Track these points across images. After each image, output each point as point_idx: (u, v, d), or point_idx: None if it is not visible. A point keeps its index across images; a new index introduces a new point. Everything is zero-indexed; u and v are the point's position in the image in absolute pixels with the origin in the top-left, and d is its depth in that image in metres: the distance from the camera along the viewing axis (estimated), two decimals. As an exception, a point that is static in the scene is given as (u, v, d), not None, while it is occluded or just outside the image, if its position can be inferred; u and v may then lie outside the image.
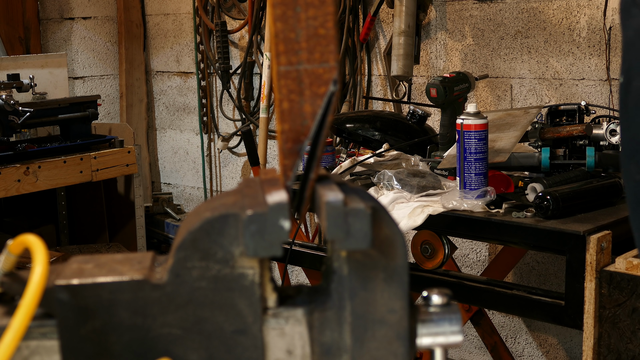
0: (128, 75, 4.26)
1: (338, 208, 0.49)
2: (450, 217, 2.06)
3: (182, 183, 4.36)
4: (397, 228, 0.53)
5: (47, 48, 4.01)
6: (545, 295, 1.97)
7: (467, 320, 2.85)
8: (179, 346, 0.54)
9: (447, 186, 2.21)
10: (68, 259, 0.56)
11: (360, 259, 0.53)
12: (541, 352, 3.19)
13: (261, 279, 0.53)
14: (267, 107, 3.54)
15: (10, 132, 2.99)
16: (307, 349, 0.54)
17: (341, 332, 0.54)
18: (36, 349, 0.54)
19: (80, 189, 3.63)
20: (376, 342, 0.54)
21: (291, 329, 0.54)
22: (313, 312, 0.54)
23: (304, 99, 0.53)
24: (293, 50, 0.52)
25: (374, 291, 0.54)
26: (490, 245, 3.19)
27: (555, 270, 3.04)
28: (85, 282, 0.53)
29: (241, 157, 4.04)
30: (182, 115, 4.28)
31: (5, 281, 0.56)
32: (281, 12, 0.52)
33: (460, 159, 2.07)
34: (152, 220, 4.15)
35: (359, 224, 0.49)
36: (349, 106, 3.42)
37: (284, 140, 0.54)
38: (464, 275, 2.29)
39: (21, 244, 0.54)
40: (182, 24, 4.16)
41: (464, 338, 3.34)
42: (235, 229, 0.52)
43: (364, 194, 0.54)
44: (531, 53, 2.95)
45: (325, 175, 0.57)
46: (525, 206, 2.05)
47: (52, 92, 3.51)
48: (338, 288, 0.54)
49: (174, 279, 0.53)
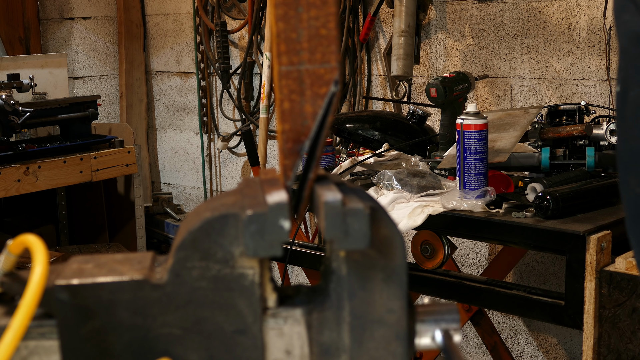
0: (128, 75, 4.26)
1: (336, 208, 0.49)
2: (450, 217, 2.06)
3: (182, 183, 4.36)
4: (396, 228, 0.53)
5: (47, 48, 4.01)
6: (545, 295, 1.97)
7: (467, 320, 2.85)
8: (179, 346, 0.54)
9: (447, 186, 2.21)
10: (68, 259, 0.56)
11: (359, 259, 0.53)
12: (541, 352, 3.19)
13: (261, 279, 0.53)
14: (267, 107, 3.54)
15: (10, 132, 2.99)
16: (305, 349, 0.54)
17: (340, 332, 0.54)
18: (36, 349, 0.54)
19: (80, 189, 3.63)
20: (375, 342, 0.54)
21: (290, 329, 0.54)
22: (312, 312, 0.54)
23: (304, 99, 0.53)
24: (294, 51, 0.52)
25: (372, 291, 0.54)
26: (490, 245, 3.19)
27: (555, 270, 3.04)
28: (85, 282, 0.53)
29: (241, 157, 4.04)
30: (182, 115, 4.28)
31: (5, 281, 0.56)
32: (283, 12, 0.52)
33: (460, 159, 2.07)
34: (152, 220, 4.15)
35: (358, 224, 0.49)
36: (349, 106, 3.42)
37: (285, 141, 0.54)
38: (464, 275, 2.29)
39: (21, 244, 0.54)
40: (182, 24, 4.16)
41: (464, 338, 3.34)
42: (235, 229, 0.52)
43: (362, 194, 0.54)
44: (531, 53, 2.95)
45: (324, 175, 0.57)
46: (525, 206, 2.05)
47: (52, 92, 3.51)
48: (337, 288, 0.54)
49: (174, 279, 0.53)
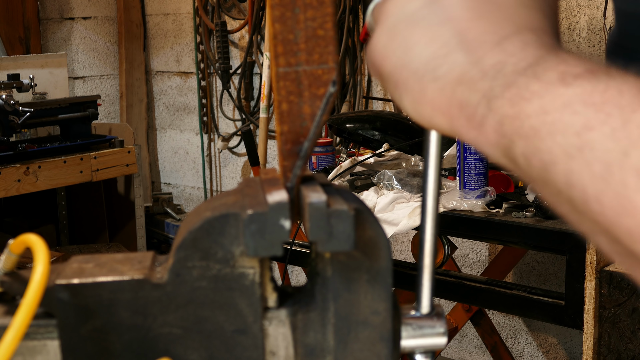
0: (128, 75, 4.26)
1: (321, 209, 0.49)
2: (450, 217, 2.06)
3: (182, 183, 4.36)
4: (381, 229, 0.53)
5: (47, 48, 4.01)
6: (545, 295, 1.97)
7: (467, 320, 2.85)
8: (179, 346, 0.54)
9: (447, 186, 2.21)
10: (68, 258, 0.56)
11: (344, 261, 0.53)
12: (541, 352, 3.19)
13: (261, 278, 0.53)
14: (267, 107, 3.54)
15: (10, 132, 2.99)
16: (290, 350, 0.54)
17: (325, 334, 0.54)
18: (35, 349, 0.54)
19: (80, 189, 3.63)
20: (360, 344, 0.54)
21: (274, 330, 0.54)
22: (297, 313, 0.54)
23: (303, 100, 0.53)
24: (292, 52, 0.52)
25: (357, 293, 0.54)
26: (490, 245, 3.19)
27: (555, 270, 3.04)
28: (85, 282, 0.53)
29: (241, 157, 4.04)
30: (182, 115, 4.28)
31: (5, 280, 0.56)
32: (280, 14, 0.52)
33: (460, 159, 2.07)
34: (152, 220, 4.15)
35: (342, 226, 0.49)
36: (349, 106, 3.42)
37: (284, 142, 0.54)
38: (464, 275, 2.30)
39: (22, 244, 0.54)
40: (182, 24, 4.16)
41: (464, 338, 3.34)
42: (235, 228, 0.52)
43: (348, 195, 0.54)
44: (531, 53, 2.95)
45: (310, 176, 0.57)
46: (525, 206, 2.05)
47: (52, 92, 3.51)
48: (322, 289, 0.54)
49: (175, 279, 0.53)
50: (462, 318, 2.82)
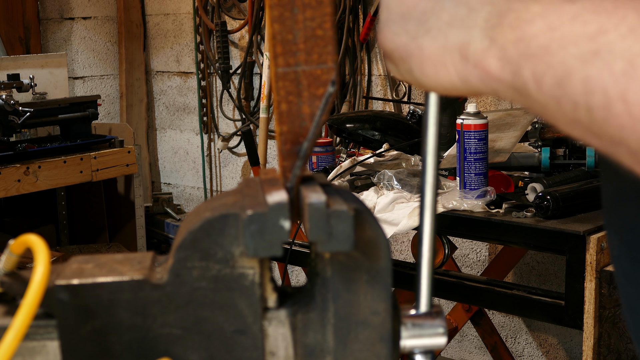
0: (128, 75, 4.26)
1: (320, 210, 0.49)
2: (450, 217, 2.06)
3: (182, 183, 4.36)
4: (381, 230, 0.53)
5: (47, 48, 4.01)
6: (545, 295, 1.97)
7: (467, 320, 2.85)
8: (179, 346, 0.54)
9: (447, 186, 2.21)
10: (68, 259, 0.56)
11: (344, 261, 0.53)
12: (541, 352, 3.19)
13: (261, 278, 0.53)
14: (267, 107, 3.54)
15: (10, 132, 2.99)
16: (290, 350, 0.54)
17: (324, 334, 0.54)
18: (35, 349, 0.54)
19: (80, 189, 3.63)
20: (359, 344, 0.54)
21: (274, 330, 0.54)
22: (296, 313, 0.54)
23: (302, 100, 0.53)
24: (291, 52, 0.52)
25: (357, 293, 0.54)
26: (490, 245, 3.19)
27: (555, 270, 3.04)
28: (85, 282, 0.53)
29: (241, 157, 4.04)
30: (182, 115, 4.28)
31: (6, 281, 0.56)
32: (278, 14, 0.52)
33: (460, 159, 2.07)
34: (152, 220, 4.15)
35: (342, 226, 0.49)
36: (349, 106, 3.42)
37: (283, 142, 0.54)
38: (464, 275, 2.30)
39: (23, 244, 0.54)
40: (182, 24, 4.16)
41: (464, 338, 3.34)
42: (235, 228, 0.52)
43: (348, 195, 0.54)
44: (531, 53, 2.95)
45: (309, 176, 0.57)
46: (525, 206, 2.05)
47: (52, 92, 3.51)
48: (321, 290, 0.54)
49: (174, 279, 0.53)
50: (462, 318, 2.82)
